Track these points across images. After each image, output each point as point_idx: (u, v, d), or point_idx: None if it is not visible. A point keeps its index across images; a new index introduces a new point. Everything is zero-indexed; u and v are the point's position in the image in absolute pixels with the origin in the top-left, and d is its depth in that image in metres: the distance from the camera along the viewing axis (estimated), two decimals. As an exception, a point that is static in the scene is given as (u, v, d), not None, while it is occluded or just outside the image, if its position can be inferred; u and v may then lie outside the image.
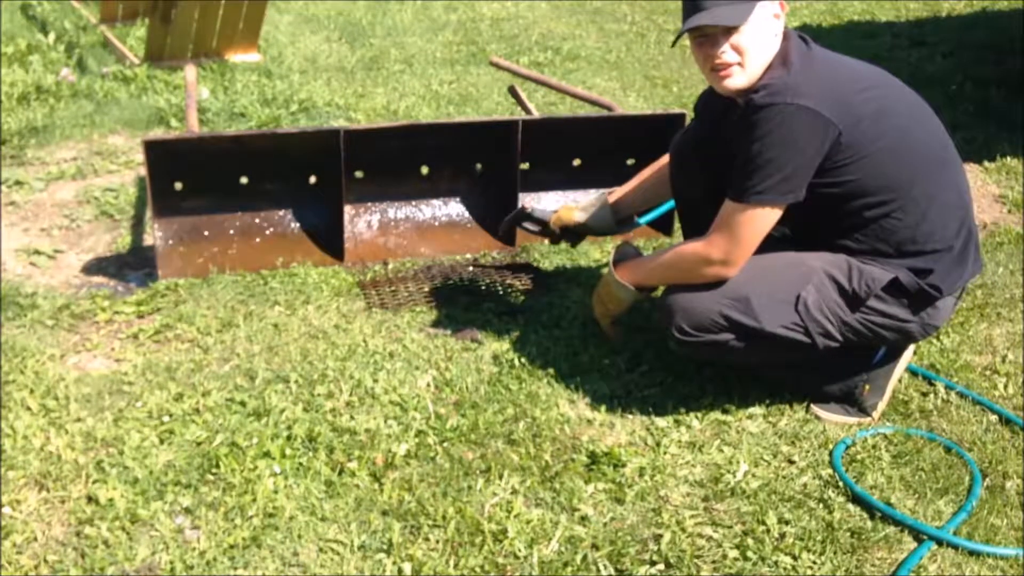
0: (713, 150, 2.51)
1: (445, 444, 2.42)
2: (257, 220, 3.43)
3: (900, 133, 2.33)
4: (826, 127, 2.22)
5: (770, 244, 2.39)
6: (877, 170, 2.30)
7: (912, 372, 2.75)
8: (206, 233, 3.36)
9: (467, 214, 3.64)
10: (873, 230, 2.36)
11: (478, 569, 2.03)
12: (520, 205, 3.17)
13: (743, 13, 2.26)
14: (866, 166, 2.28)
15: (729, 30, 2.27)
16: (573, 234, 3.05)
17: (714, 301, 2.38)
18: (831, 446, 2.44)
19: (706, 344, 2.41)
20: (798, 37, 2.38)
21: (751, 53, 2.29)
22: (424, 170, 3.58)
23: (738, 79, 2.32)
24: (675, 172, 2.78)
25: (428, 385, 2.67)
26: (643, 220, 3.22)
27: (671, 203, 3.12)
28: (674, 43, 2.43)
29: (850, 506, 2.23)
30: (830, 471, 2.34)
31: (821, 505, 2.23)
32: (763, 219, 2.31)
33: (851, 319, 2.39)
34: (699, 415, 2.54)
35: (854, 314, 2.39)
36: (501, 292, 3.24)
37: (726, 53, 2.29)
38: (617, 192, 2.97)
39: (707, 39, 2.31)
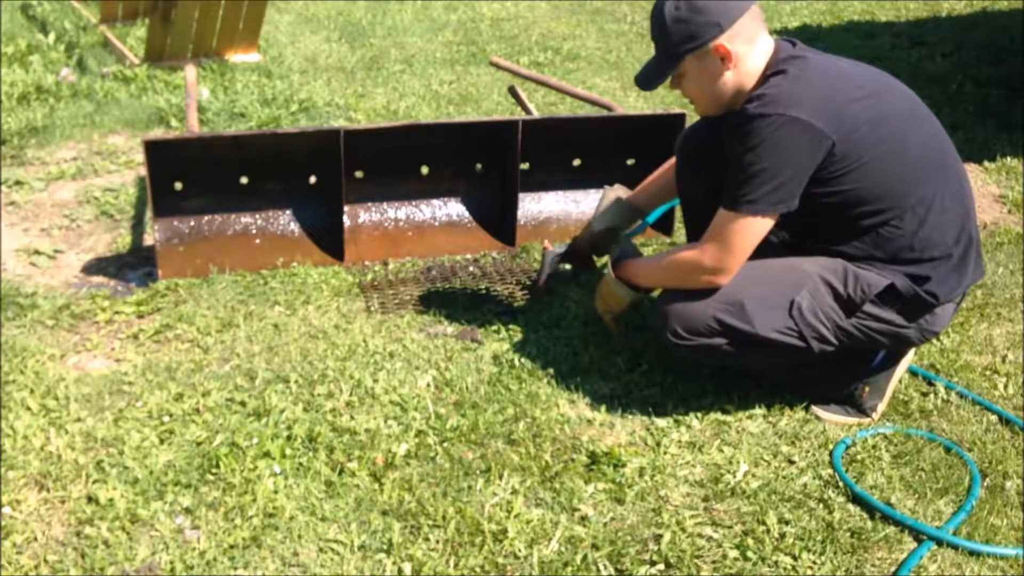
0: (716, 150, 2.51)
1: (445, 444, 2.42)
2: (257, 220, 3.43)
3: (897, 141, 2.31)
4: (819, 138, 2.22)
5: (767, 249, 2.39)
6: (874, 178, 2.29)
7: (912, 372, 2.75)
8: (206, 233, 3.36)
9: (467, 214, 3.64)
10: (871, 238, 2.35)
11: (478, 569, 2.03)
12: (543, 247, 3.11)
13: (654, 78, 2.41)
14: (862, 175, 2.28)
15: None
16: (602, 245, 2.96)
17: (708, 305, 2.38)
18: (831, 446, 2.44)
19: (701, 348, 2.42)
20: (792, 45, 2.38)
21: (697, 96, 2.44)
22: (424, 170, 3.58)
23: (703, 109, 2.50)
24: (680, 170, 2.79)
25: (428, 385, 2.67)
26: (650, 219, 3.22)
27: (674, 201, 3.12)
28: None
29: (850, 506, 2.23)
30: (830, 471, 2.34)
31: (821, 505, 2.23)
32: (755, 228, 2.31)
33: (847, 324, 2.39)
34: (699, 415, 2.54)
35: (849, 319, 2.38)
36: (501, 292, 3.24)
37: (680, 90, 2.46)
38: (634, 192, 2.98)
39: None
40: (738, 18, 2.30)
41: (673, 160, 2.87)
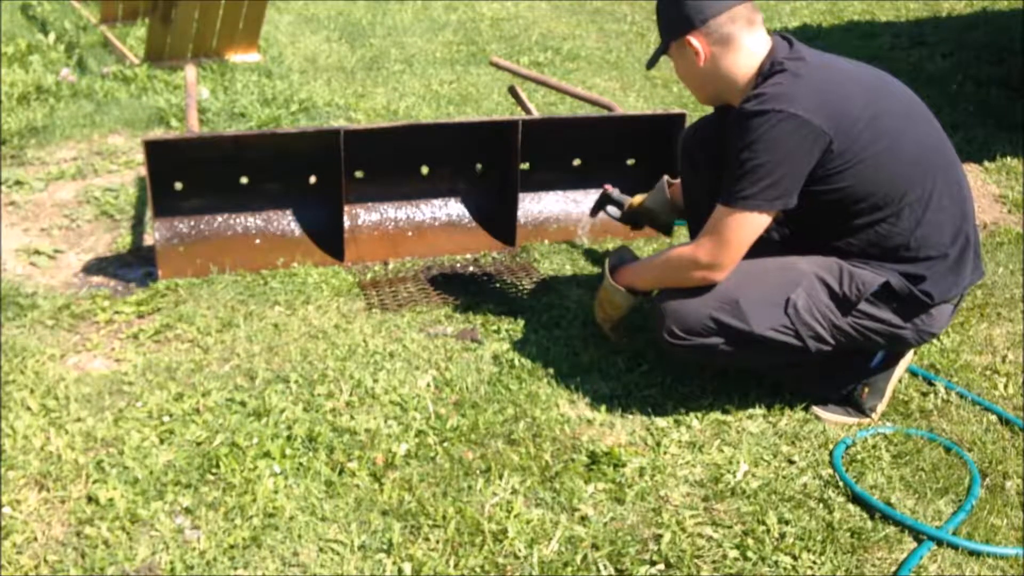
0: (717, 147, 2.51)
1: (445, 444, 2.42)
2: (257, 220, 3.43)
3: (895, 139, 2.31)
4: (816, 135, 2.22)
5: (763, 247, 2.39)
6: (871, 176, 2.29)
7: (912, 372, 2.75)
8: (206, 233, 3.36)
9: (467, 214, 3.64)
10: (867, 235, 2.35)
11: (478, 569, 2.03)
12: (603, 189, 3.21)
13: (654, 58, 2.56)
14: (860, 172, 2.28)
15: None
16: (642, 217, 3.16)
17: (704, 304, 2.38)
18: (831, 446, 2.44)
19: (697, 347, 2.42)
20: (789, 44, 2.38)
21: (687, 83, 2.55)
22: (424, 170, 3.58)
23: (694, 95, 2.59)
24: (683, 167, 2.79)
25: (428, 385, 2.67)
26: (679, 221, 3.23)
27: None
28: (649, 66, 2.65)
29: (850, 506, 2.23)
30: (830, 471, 2.34)
31: (821, 505, 2.23)
32: (751, 224, 2.31)
33: (842, 323, 2.39)
34: (699, 415, 2.55)
35: (845, 318, 2.38)
36: (501, 292, 3.24)
37: None
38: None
39: None
40: (712, 17, 2.34)
41: None
